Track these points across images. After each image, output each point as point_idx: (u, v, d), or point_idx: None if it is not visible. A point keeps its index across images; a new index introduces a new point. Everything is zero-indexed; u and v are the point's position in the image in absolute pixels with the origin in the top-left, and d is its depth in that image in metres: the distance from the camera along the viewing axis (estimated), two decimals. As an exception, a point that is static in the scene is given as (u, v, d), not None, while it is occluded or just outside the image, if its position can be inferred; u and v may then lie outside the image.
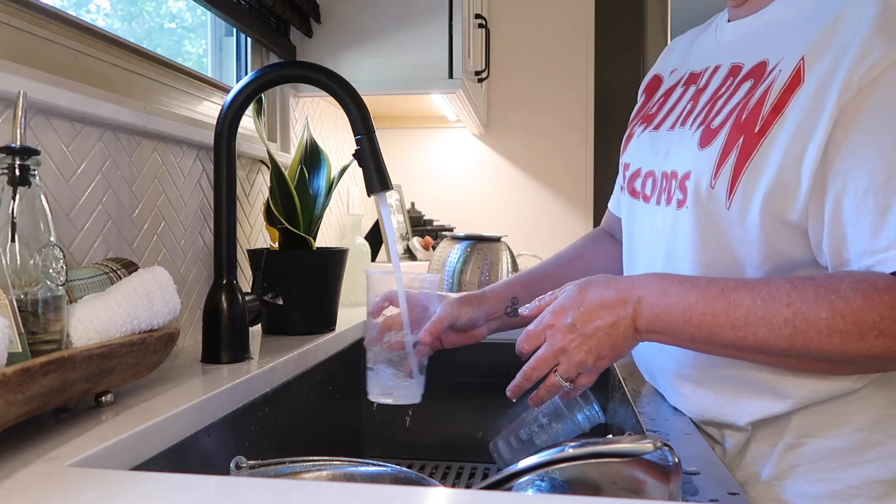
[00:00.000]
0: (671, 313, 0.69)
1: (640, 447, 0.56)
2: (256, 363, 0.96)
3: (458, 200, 2.46)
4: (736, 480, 0.63)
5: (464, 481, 1.29)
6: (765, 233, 0.71)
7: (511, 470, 0.59)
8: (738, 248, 0.74)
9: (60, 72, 0.91)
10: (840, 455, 0.72)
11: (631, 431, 0.84)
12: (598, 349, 0.72)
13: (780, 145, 0.69)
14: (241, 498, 0.50)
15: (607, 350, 0.72)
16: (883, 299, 0.61)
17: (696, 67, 0.89)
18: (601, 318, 0.71)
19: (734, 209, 0.72)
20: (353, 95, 0.94)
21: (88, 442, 0.62)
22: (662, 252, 0.83)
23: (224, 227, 0.98)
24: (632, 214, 0.92)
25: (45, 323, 0.65)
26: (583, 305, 0.73)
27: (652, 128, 0.89)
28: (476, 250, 1.55)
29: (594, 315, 0.72)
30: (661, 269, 0.81)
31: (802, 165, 0.68)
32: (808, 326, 0.63)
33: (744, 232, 0.73)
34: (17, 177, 0.64)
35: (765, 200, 0.70)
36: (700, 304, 0.68)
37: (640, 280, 0.73)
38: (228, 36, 1.55)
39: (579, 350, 0.72)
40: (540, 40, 2.41)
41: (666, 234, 0.82)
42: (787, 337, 0.64)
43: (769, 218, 0.71)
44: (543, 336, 0.74)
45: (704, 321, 0.67)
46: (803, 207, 0.69)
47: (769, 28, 0.79)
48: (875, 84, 0.65)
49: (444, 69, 1.66)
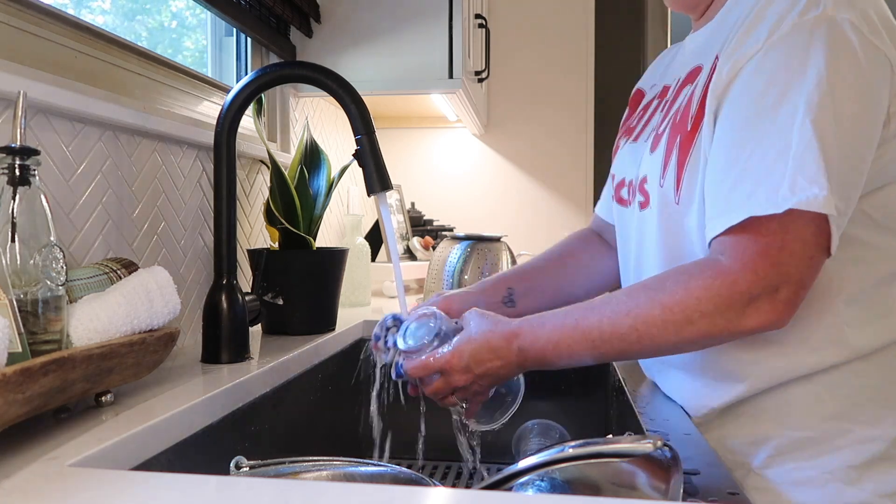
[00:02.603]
0: (545, 353, 0.78)
1: (640, 447, 0.56)
2: (256, 363, 0.96)
3: (458, 200, 2.46)
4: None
5: (464, 481, 1.29)
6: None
7: (511, 470, 0.59)
8: (695, 239, 0.78)
9: (60, 72, 0.91)
10: (813, 443, 0.76)
11: (631, 431, 0.84)
12: (491, 383, 0.83)
13: (706, 139, 0.76)
14: (241, 498, 0.50)
15: (497, 382, 0.83)
16: (697, 283, 0.69)
17: (668, 81, 0.94)
18: (491, 362, 0.80)
19: (682, 203, 0.78)
20: (353, 95, 0.94)
21: (88, 442, 0.62)
22: (633, 252, 0.91)
23: (224, 227, 0.98)
24: (619, 221, 0.99)
25: (45, 323, 0.65)
26: (475, 348, 0.80)
27: (632, 139, 0.96)
28: (476, 250, 1.55)
29: (484, 358, 0.80)
30: (633, 268, 0.92)
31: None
32: (648, 327, 0.72)
33: (694, 223, 0.78)
34: (17, 177, 0.65)
35: (703, 191, 0.76)
36: (564, 340, 0.77)
37: (519, 326, 0.80)
38: (228, 36, 1.55)
39: (474, 384, 0.82)
40: (540, 40, 2.41)
41: (636, 234, 0.90)
42: (636, 340, 0.72)
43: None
44: (437, 370, 0.82)
45: (573, 351, 0.76)
46: None
47: (713, 34, 0.84)
48: (738, 76, 0.73)
49: (444, 69, 1.66)
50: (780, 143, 0.68)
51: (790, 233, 0.67)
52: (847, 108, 0.68)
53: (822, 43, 0.69)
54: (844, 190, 0.68)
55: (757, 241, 0.68)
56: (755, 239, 0.68)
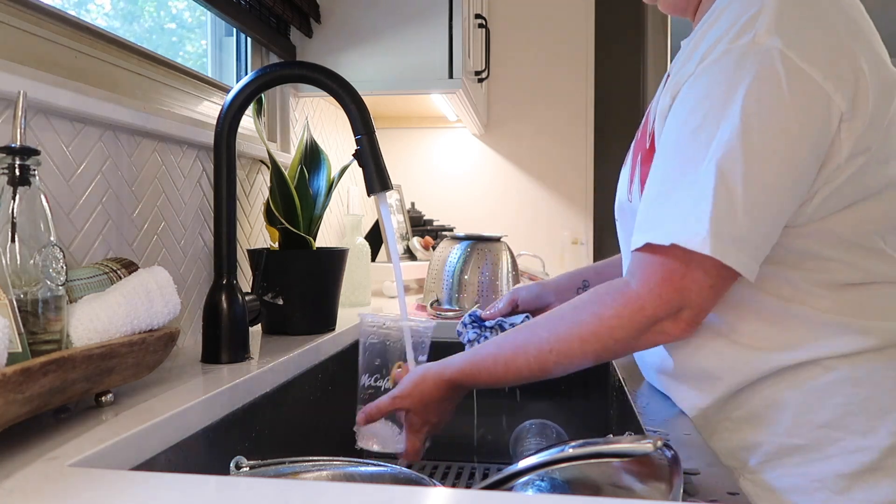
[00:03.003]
0: (477, 383, 0.86)
1: (640, 447, 0.56)
2: (256, 363, 0.96)
3: (458, 200, 2.46)
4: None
5: (464, 481, 1.29)
6: None
7: (511, 470, 0.59)
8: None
9: (60, 72, 0.91)
10: (803, 451, 0.76)
11: (631, 431, 0.84)
12: (438, 421, 0.90)
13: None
14: (241, 498, 0.50)
15: (444, 411, 0.89)
16: (609, 313, 0.75)
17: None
18: (443, 405, 0.88)
19: None
20: (353, 95, 0.94)
21: (88, 442, 0.62)
22: (620, 264, 0.99)
23: (224, 227, 0.98)
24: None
25: (45, 323, 0.65)
26: (413, 401, 0.88)
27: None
28: (476, 250, 1.55)
29: (415, 391, 0.87)
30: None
31: None
32: (570, 359, 0.78)
33: None
34: (17, 177, 0.65)
35: None
36: (499, 381, 0.84)
37: (452, 366, 0.86)
38: (228, 36, 1.55)
39: (426, 423, 0.89)
40: (540, 40, 2.41)
41: (623, 250, 0.95)
42: (563, 370, 0.80)
43: None
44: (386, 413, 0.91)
45: (504, 379, 0.83)
46: None
47: (685, 46, 0.84)
48: (677, 97, 0.76)
49: (444, 69, 1.66)
50: (689, 176, 0.71)
51: (693, 261, 0.70)
52: (761, 143, 0.69)
53: (746, 73, 0.70)
54: (756, 221, 0.70)
55: (663, 266, 0.72)
56: (662, 263, 0.72)
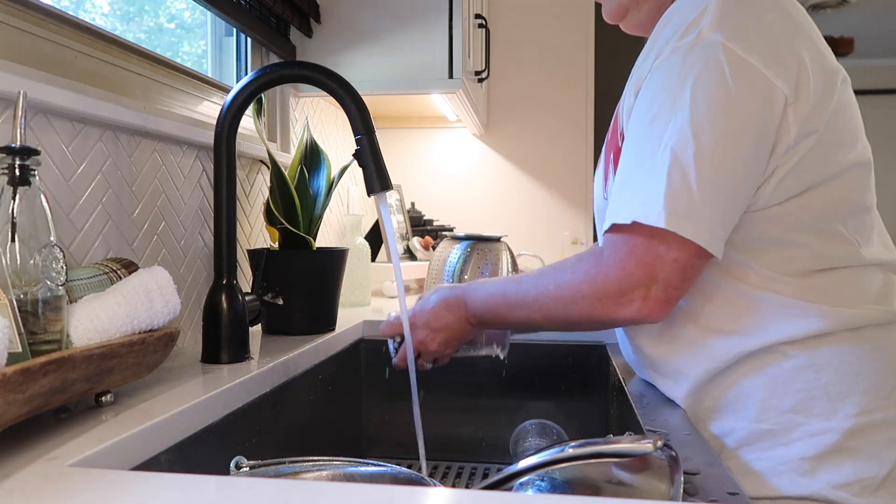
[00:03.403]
0: (481, 311, 0.92)
1: (640, 447, 0.56)
2: (256, 363, 0.96)
3: (458, 200, 2.46)
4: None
5: (464, 481, 1.29)
6: None
7: (511, 470, 0.59)
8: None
9: (60, 72, 0.91)
10: (770, 435, 0.79)
11: (631, 431, 0.84)
12: (447, 339, 0.96)
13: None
14: (241, 498, 0.50)
15: (455, 339, 0.96)
16: (582, 270, 0.80)
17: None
18: (445, 317, 0.95)
19: None
20: (353, 95, 0.94)
21: (88, 442, 0.62)
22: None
23: (224, 227, 0.98)
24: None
25: (45, 323, 0.65)
26: (434, 306, 0.96)
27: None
28: (476, 250, 1.55)
29: (440, 314, 0.95)
30: None
31: None
32: (545, 299, 0.83)
33: None
34: (17, 177, 0.65)
35: None
36: (492, 301, 0.90)
37: (466, 287, 0.95)
38: (228, 36, 1.55)
39: (433, 342, 0.96)
40: (540, 40, 2.41)
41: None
42: (538, 310, 0.84)
43: None
44: (405, 326, 0.95)
45: (498, 313, 0.90)
46: None
47: (644, 51, 0.88)
48: (638, 95, 0.81)
49: (444, 69, 1.66)
50: (647, 162, 0.76)
51: (656, 238, 0.75)
52: (710, 128, 0.74)
53: (692, 66, 0.75)
54: (712, 201, 0.74)
55: (627, 243, 0.76)
56: (626, 240, 0.76)
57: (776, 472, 0.78)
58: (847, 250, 0.80)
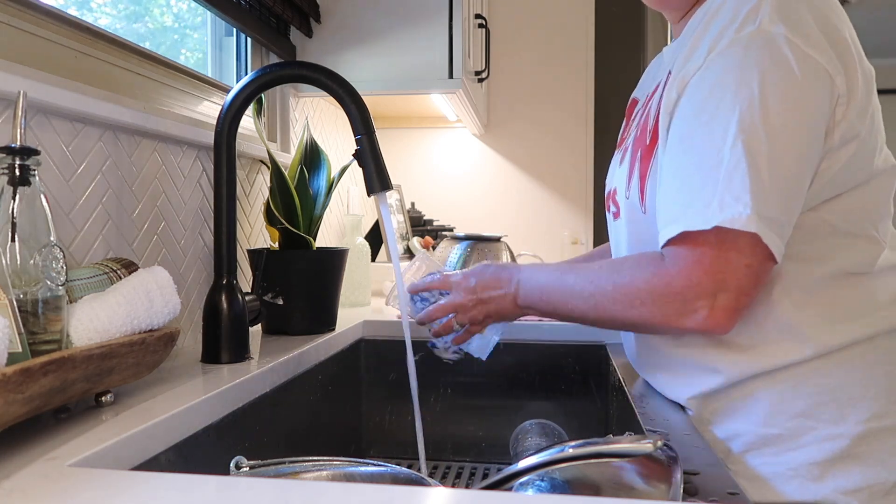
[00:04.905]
0: (534, 295, 0.89)
1: (640, 447, 0.56)
2: (256, 363, 0.96)
3: (458, 200, 2.46)
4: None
5: (464, 481, 1.29)
6: None
7: (511, 470, 0.59)
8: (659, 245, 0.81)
9: (60, 72, 0.91)
10: (780, 440, 0.78)
11: (631, 431, 0.84)
12: (488, 311, 0.94)
13: (661, 152, 0.79)
14: (241, 498, 0.50)
15: (494, 313, 0.94)
16: (642, 275, 0.76)
17: (648, 91, 0.95)
18: (494, 290, 0.93)
19: (649, 213, 0.82)
20: (353, 95, 0.94)
21: (88, 442, 0.62)
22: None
23: (224, 227, 0.98)
24: (609, 230, 1.03)
25: (45, 323, 0.65)
26: (484, 276, 0.94)
27: (619, 150, 0.98)
28: (476, 250, 1.55)
29: (490, 285, 0.93)
30: None
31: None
32: (602, 298, 0.80)
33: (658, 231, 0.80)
34: (17, 177, 0.65)
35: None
36: (548, 288, 0.87)
37: (522, 267, 0.93)
38: (228, 36, 1.55)
39: (474, 308, 0.94)
40: (540, 40, 2.41)
41: (615, 242, 0.97)
42: (593, 307, 0.81)
43: None
44: (450, 287, 0.95)
45: (551, 300, 0.87)
46: None
47: (679, 45, 0.85)
48: (685, 92, 0.76)
49: (444, 69, 1.66)
50: (712, 160, 0.71)
51: (725, 243, 0.70)
52: (781, 124, 0.70)
53: (757, 59, 0.71)
54: (782, 202, 0.71)
55: (693, 252, 0.72)
56: (692, 249, 0.72)
57: (784, 478, 0.77)
58: (872, 255, 0.78)
